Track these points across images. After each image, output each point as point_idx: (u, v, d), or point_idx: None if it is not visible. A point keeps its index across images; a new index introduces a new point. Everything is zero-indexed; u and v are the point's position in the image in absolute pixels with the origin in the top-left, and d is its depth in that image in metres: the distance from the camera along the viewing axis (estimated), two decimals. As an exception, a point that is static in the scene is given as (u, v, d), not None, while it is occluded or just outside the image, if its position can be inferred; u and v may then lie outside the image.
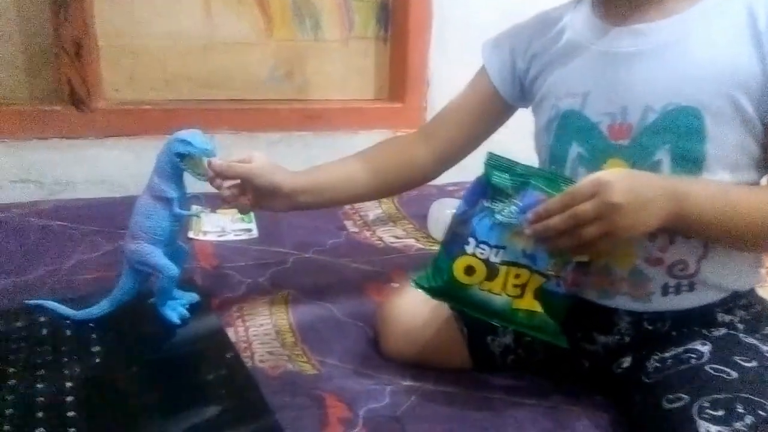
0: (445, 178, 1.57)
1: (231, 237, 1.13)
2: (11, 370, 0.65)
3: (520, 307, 0.62)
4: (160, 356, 0.69)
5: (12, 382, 0.63)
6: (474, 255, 0.61)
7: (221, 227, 1.17)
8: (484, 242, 0.61)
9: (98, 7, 1.39)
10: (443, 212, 1.18)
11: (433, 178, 0.91)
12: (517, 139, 0.83)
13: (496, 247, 0.61)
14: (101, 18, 1.40)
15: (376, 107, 1.69)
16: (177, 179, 0.73)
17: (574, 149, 0.68)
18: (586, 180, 0.58)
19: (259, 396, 0.61)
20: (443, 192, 1.45)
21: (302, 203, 0.81)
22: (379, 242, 1.17)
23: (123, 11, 1.42)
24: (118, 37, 1.43)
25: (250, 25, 1.52)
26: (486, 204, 0.62)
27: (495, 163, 0.63)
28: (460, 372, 0.75)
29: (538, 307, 0.62)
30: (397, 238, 1.19)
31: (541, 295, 0.62)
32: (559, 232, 0.57)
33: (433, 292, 0.65)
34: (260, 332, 0.80)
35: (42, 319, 0.75)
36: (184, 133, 0.70)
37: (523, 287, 0.62)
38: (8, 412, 0.58)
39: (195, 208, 0.76)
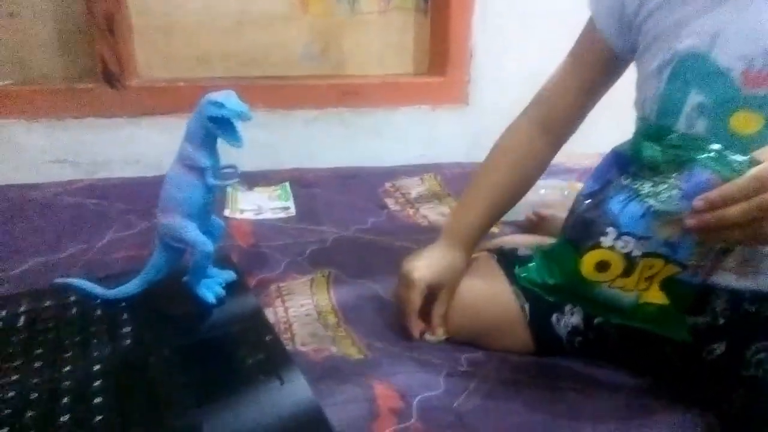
0: (484, 154, 1.51)
1: (268, 215, 1.08)
2: (38, 351, 0.60)
3: (648, 301, 0.52)
4: (194, 338, 0.64)
5: (38, 364, 0.58)
6: (612, 248, 0.49)
7: (258, 205, 1.12)
8: (628, 233, 0.49)
9: (131, -17, 1.36)
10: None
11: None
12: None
13: (643, 238, 0.49)
14: (134, -7, 1.37)
15: (416, 82, 1.61)
16: (210, 146, 0.67)
17: (693, 98, 0.58)
18: None
19: (301, 383, 0.55)
20: (489, 169, 1.37)
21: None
22: (423, 220, 1.10)
23: (156, -15, 1.38)
24: (151, 14, 1.39)
25: (284, 0, 1.46)
26: (626, 182, 0.49)
27: (646, 129, 0.51)
28: (521, 356, 0.67)
29: (664, 299, 0.52)
30: (443, 215, 1.12)
31: (668, 285, 0.52)
32: (735, 224, 0.46)
33: (547, 289, 0.55)
34: (301, 313, 0.74)
35: (72, 298, 0.71)
36: (217, 95, 0.64)
37: (650, 278, 0.51)
38: (33, 396, 0.53)
39: (230, 179, 0.70)
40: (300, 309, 0.75)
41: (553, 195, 1.09)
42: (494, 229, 1.05)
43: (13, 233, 0.96)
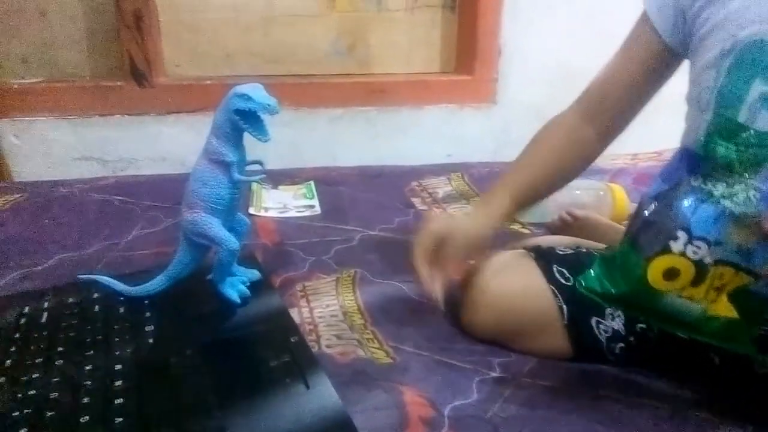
0: (513, 153, 1.47)
1: (293, 213, 1.06)
2: (60, 349, 0.59)
3: (716, 314, 0.48)
4: (218, 338, 0.62)
5: (59, 362, 0.57)
6: (683, 254, 0.46)
7: (283, 203, 1.10)
8: (701, 238, 0.45)
9: (158, -20, 1.36)
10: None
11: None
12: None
13: (716, 243, 0.46)
14: (162, -9, 1.37)
15: (442, 80, 1.58)
16: (236, 141, 0.65)
17: (757, 88, 0.53)
18: None
19: (328, 388, 0.53)
20: (517, 169, 1.33)
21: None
22: (452, 220, 1.07)
23: (183, -17, 1.38)
24: (178, 12, 1.39)
25: (311, -3, 1.45)
26: (697, 183, 0.46)
27: (717, 126, 0.48)
28: (558, 361, 0.64)
29: (733, 313, 0.48)
30: (472, 215, 1.08)
31: (738, 297, 0.48)
32: None
33: (609, 299, 0.51)
34: (326, 313, 0.72)
35: (95, 295, 0.70)
36: (245, 88, 0.62)
37: (719, 289, 0.48)
38: (53, 396, 0.52)
39: (256, 174, 0.68)
40: (325, 309, 0.73)
41: (587, 196, 1.05)
42: (525, 231, 1.01)
43: (39, 229, 0.96)
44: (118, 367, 0.56)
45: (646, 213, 0.48)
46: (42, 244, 0.90)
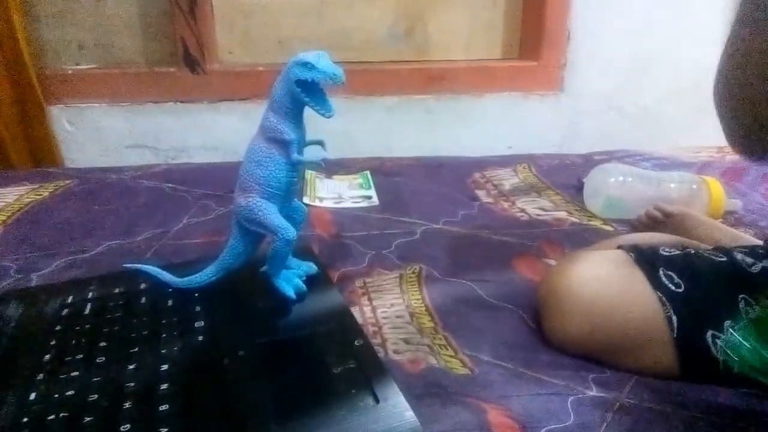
0: (584, 147, 1.35)
1: (349, 204, 0.99)
2: (102, 344, 0.54)
3: None
4: (274, 338, 0.55)
5: (101, 359, 0.51)
6: None
7: (338, 193, 1.03)
8: None
9: (209, -35, 1.32)
10: (606, 180, 0.96)
11: None
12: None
13: None
14: (213, -24, 1.33)
15: (506, 66, 1.48)
16: (297, 117, 0.58)
17: None
18: None
19: (401, 403, 0.45)
20: (590, 161, 1.23)
21: None
22: (522, 214, 0.97)
23: (237, -31, 1.33)
24: (232, -3, 1.35)
25: (368, -20, 1.38)
26: None
27: None
28: (665, 379, 0.54)
29: None
30: (545, 210, 0.99)
31: None
32: None
33: None
34: (391, 314, 0.64)
35: (143, 285, 0.64)
36: (308, 55, 0.55)
37: None
38: (92, 398, 0.46)
39: (319, 156, 0.61)
40: (390, 309, 0.65)
41: (678, 190, 0.93)
42: (607, 227, 0.91)
43: (88, 216, 0.92)
44: (164, 367, 0.50)
45: None
46: (90, 231, 0.86)
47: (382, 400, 0.45)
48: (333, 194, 1.03)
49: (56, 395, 0.47)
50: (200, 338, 0.55)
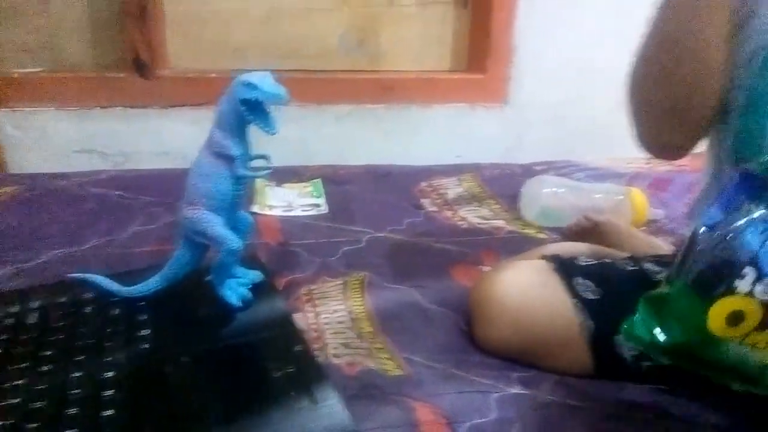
0: (528, 157, 1.42)
1: (298, 212, 1.02)
2: (48, 353, 0.55)
3: None
4: (217, 345, 0.58)
5: (46, 367, 0.53)
6: (750, 294, 0.41)
7: (288, 201, 1.06)
8: None
9: (164, -30, 1.32)
10: (540, 191, 1.02)
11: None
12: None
13: None
14: (167, -19, 1.33)
15: (454, 78, 1.54)
16: (241, 133, 0.61)
17: None
18: None
19: (336, 403, 0.48)
20: (530, 171, 1.29)
21: None
22: (463, 222, 1.03)
23: (190, -26, 1.34)
24: (184, 3, 1.35)
25: (322, -11, 1.41)
26: (760, 211, 0.42)
27: None
28: (581, 378, 0.59)
29: None
30: (484, 218, 1.04)
31: None
32: None
33: (660, 349, 0.46)
34: (333, 320, 0.68)
35: (88, 295, 0.66)
36: (251, 76, 0.58)
37: None
38: (37, 405, 0.48)
39: (260, 169, 0.64)
40: (332, 315, 0.69)
41: (606, 200, 1.01)
42: (541, 235, 0.97)
43: (34, 223, 0.92)
44: (110, 374, 0.52)
45: (703, 247, 0.43)
46: (36, 239, 0.86)
47: (319, 401, 0.49)
48: (283, 202, 1.05)
49: (1, 403, 0.48)
50: (145, 346, 0.57)
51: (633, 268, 0.63)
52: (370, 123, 1.47)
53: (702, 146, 0.64)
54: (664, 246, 0.84)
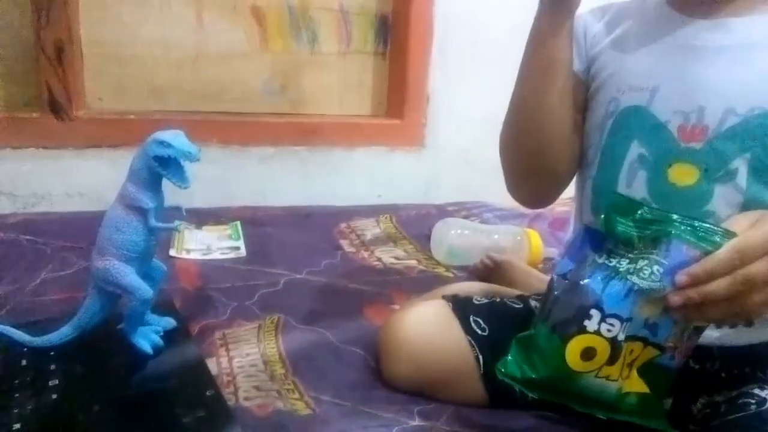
0: (446, 197, 1.51)
1: (217, 255, 1.04)
2: (-52, 408, 0.54)
3: (631, 390, 0.48)
4: (127, 393, 0.59)
5: (-54, 424, 0.52)
6: (598, 333, 0.46)
7: (206, 245, 1.08)
8: (614, 315, 0.46)
9: (83, 12, 1.32)
10: (448, 233, 1.10)
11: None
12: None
13: (628, 320, 0.46)
14: (86, 23, 1.33)
15: (373, 123, 1.62)
16: (154, 187, 0.64)
17: (635, 150, 0.59)
18: (753, 232, 0.44)
19: (242, 444, 0.51)
20: (444, 212, 1.38)
21: None
22: (378, 263, 1.08)
23: (110, 17, 1.35)
24: (104, 44, 1.36)
25: (244, 36, 1.46)
26: (602, 260, 0.47)
27: (616, 204, 0.49)
28: (476, 408, 0.65)
29: (644, 387, 0.49)
30: (398, 259, 1.10)
31: (646, 371, 0.48)
32: (720, 299, 0.44)
33: (531, 384, 0.51)
34: (246, 363, 0.70)
35: (-6, 346, 0.65)
36: (164, 134, 0.61)
37: (631, 364, 0.48)
38: (-64, 462, 0.47)
39: (175, 221, 0.67)
40: (245, 359, 0.71)
41: (506, 240, 1.10)
42: (449, 274, 1.04)
43: (-65, 271, 0.89)
44: (17, 426, 0.52)
45: (558, 293, 0.49)
46: (-63, 288, 0.83)
47: (226, 444, 0.51)
48: (202, 246, 1.07)
49: None
50: (54, 396, 0.57)
51: (519, 306, 0.71)
52: (293, 165, 1.51)
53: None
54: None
